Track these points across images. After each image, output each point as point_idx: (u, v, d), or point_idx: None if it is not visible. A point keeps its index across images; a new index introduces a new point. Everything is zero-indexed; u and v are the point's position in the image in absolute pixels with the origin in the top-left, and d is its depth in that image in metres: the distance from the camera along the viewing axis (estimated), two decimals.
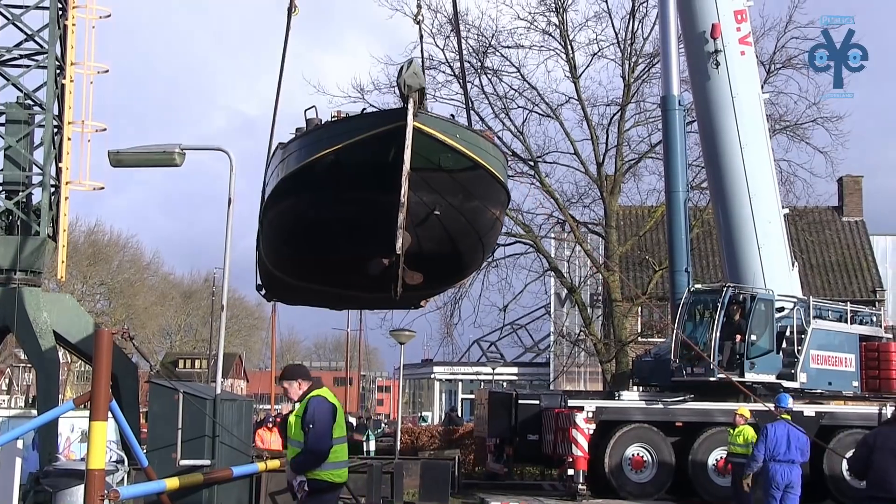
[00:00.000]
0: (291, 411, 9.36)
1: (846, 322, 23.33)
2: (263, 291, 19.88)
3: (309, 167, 13.94)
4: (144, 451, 14.11)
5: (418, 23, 20.82)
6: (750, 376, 21.30)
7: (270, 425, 21.57)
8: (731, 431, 19.39)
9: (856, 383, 22.82)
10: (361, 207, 13.64)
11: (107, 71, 20.34)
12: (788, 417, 16.18)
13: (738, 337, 21.24)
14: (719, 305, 21.36)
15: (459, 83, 31.33)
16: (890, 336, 25.13)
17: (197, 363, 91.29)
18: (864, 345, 23.18)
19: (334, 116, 14.48)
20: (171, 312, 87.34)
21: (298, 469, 9.07)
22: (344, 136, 13.52)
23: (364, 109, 16.65)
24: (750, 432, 19.09)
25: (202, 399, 14.63)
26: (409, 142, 12.40)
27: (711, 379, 21.15)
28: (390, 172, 12.67)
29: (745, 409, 19.42)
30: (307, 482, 9.00)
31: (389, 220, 12.97)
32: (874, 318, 24.36)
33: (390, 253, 13.25)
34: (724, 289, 21.82)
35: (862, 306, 25.49)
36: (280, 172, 14.93)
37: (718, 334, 21.28)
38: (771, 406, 17.36)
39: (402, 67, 12.85)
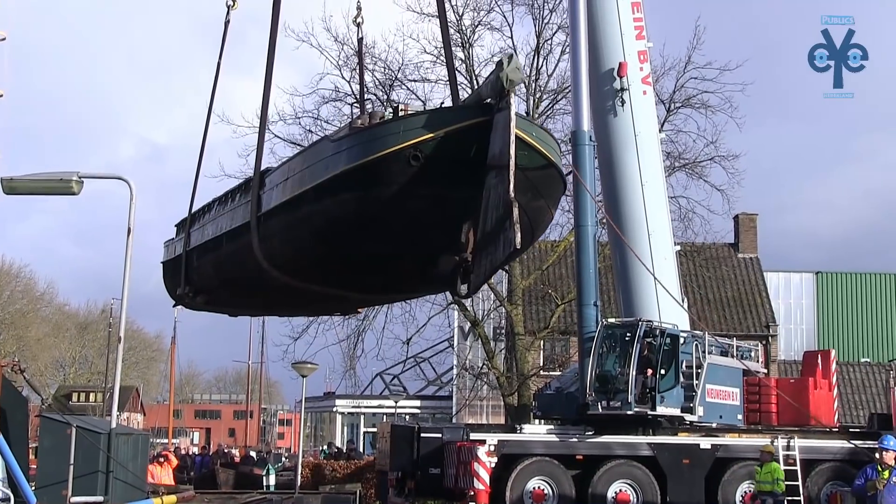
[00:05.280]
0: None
1: (731, 357, 23.91)
2: (190, 295, 18.82)
3: (383, 160, 13.17)
4: (33, 487, 13.65)
5: (358, 25, 20.47)
6: (661, 409, 21.62)
7: (162, 460, 21.17)
8: (759, 469, 19.77)
9: (740, 416, 23.42)
10: (437, 203, 13.10)
11: (0, 95, 19.85)
12: None
13: (650, 371, 21.50)
14: (635, 340, 21.49)
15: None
16: (766, 371, 25.84)
17: (92, 396, 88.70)
18: (746, 379, 23.82)
19: (402, 111, 13.92)
20: (65, 344, 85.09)
21: None
22: (425, 129, 12.95)
23: (442, 103, 16.09)
24: (777, 468, 19.51)
25: (96, 433, 14.28)
26: (513, 137, 11.97)
27: (629, 412, 21.33)
28: (475, 167, 12.38)
29: (769, 446, 20.29)
30: None
31: (464, 215, 12.71)
32: (752, 354, 25.11)
33: (461, 250, 12.93)
34: (639, 323, 22.03)
35: (742, 342, 26.15)
36: (330, 166, 13.96)
37: (631, 369, 21.44)
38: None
39: (500, 62, 12.49)
